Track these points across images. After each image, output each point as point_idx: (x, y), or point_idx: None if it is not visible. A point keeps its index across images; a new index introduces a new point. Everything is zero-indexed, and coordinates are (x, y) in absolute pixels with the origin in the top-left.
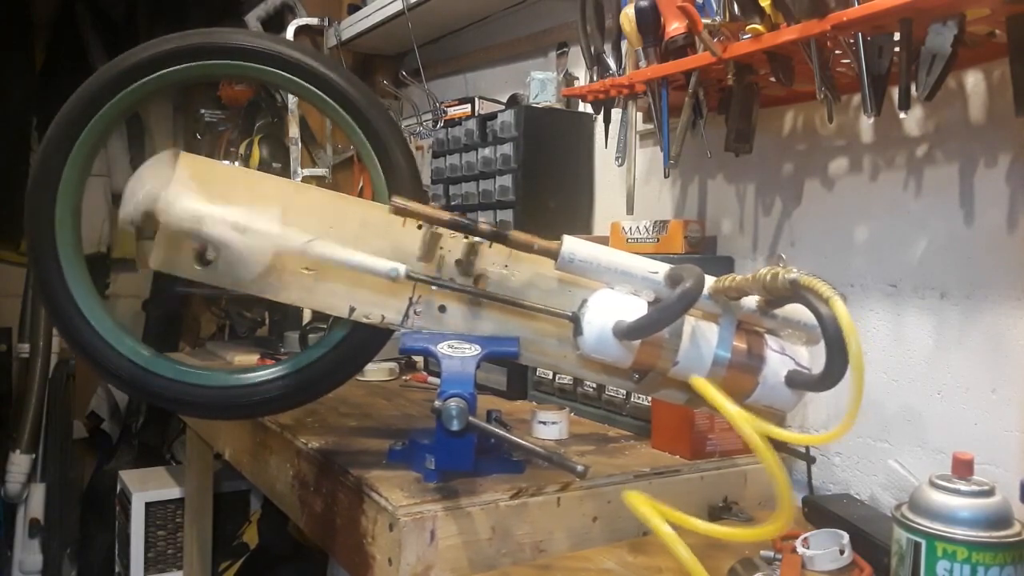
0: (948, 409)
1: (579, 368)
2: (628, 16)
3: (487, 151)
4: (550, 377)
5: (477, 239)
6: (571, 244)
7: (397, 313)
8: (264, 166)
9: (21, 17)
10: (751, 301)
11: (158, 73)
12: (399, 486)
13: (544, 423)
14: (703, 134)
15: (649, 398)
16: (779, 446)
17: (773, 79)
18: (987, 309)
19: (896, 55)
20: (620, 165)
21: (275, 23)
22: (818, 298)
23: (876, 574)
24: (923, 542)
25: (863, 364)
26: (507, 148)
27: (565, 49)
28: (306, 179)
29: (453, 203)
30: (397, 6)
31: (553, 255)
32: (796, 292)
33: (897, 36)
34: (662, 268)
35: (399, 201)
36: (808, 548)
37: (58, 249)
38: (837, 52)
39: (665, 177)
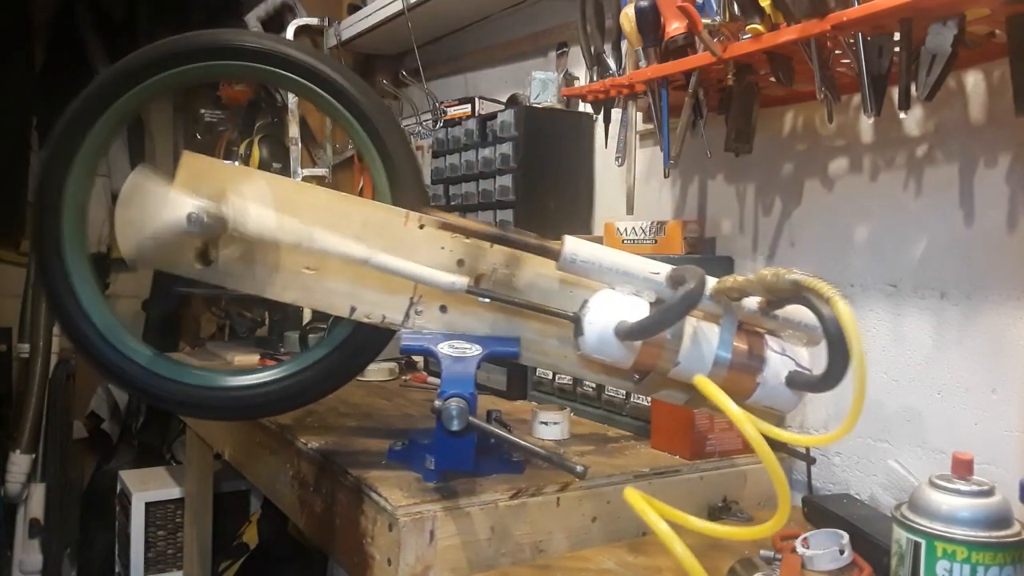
0: (948, 409)
1: (580, 368)
2: (628, 16)
3: (487, 151)
4: (550, 377)
5: (482, 243)
6: (573, 245)
7: (398, 313)
8: (264, 166)
9: (21, 17)
10: (752, 302)
11: (166, 72)
12: (399, 486)
13: (545, 423)
14: (703, 134)
15: (649, 398)
16: (780, 446)
17: (773, 79)
18: (987, 309)
19: (896, 55)
20: (620, 165)
21: (275, 23)
22: (821, 299)
23: (876, 574)
24: (923, 542)
25: (865, 366)
26: (507, 148)
27: (565, 49)
28: (306, 179)
29: (453, 203)
30: (397, 6)
31: (555, 255)
32: (798, 293)
33: (897, 36)
34: (664, 269)
35: (447, 218)
36: (808, 548)
37: (64, 248)
38: (837, 52)
39: (665, 177)
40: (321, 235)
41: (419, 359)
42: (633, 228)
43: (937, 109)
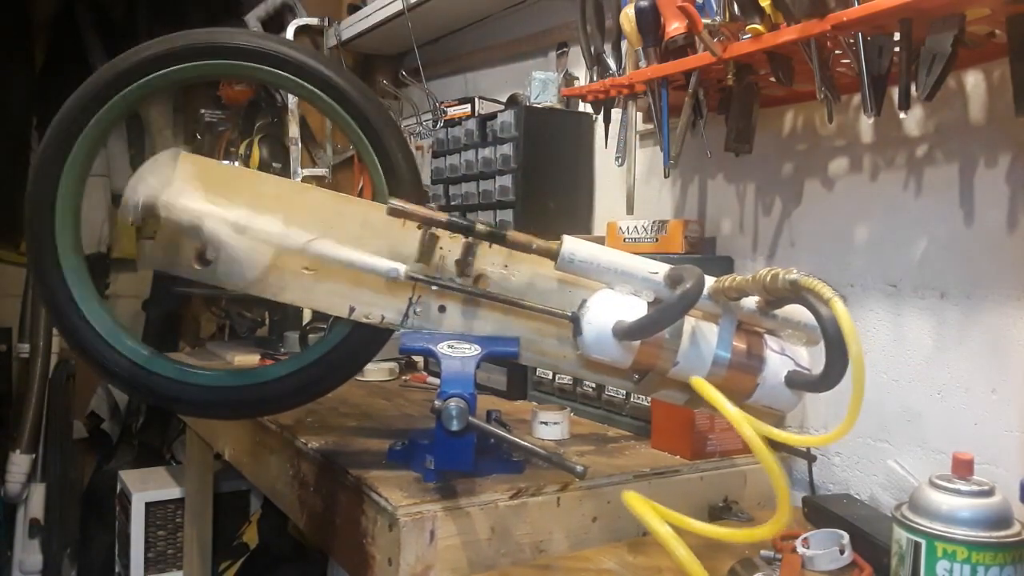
0: (948, 409)
1: (579, 368)
2: (628, 16)
3: (487, 151)
4: (550, 377)
5: (475, 239)
6: (571, 244)
7: (397, 313)
8: (264, 166)
9: (21, 17)
10: (751, 301)
11: (158, 73)
12: (399, 486)
13: (545, 423)
14: (703, 134)
15: (649, 398)
16: (780, 446)
17: (773, 79)
18: (987, 309)
19: (896, 55)
20: (620, 165)
21: (275, 23)
22: (818, 299)
23: (876, 574)
24: (923, 542)
25: (864, 366)
26: (507, 148)
27: (565, 49)
28: (306, 179)
29: (453, 203)
30: (397, 6)
31: (553, 255)
32: (796, 293)
33: (897, 36)
34: (662, 268)
35: (396, 203)
36: (808, 548)
37: (58, 249)
38: (837, 52)
39: (665, 177)
40: (263, 220)
41: (419, 359)
42: (635, 227)
43: (937, 109)
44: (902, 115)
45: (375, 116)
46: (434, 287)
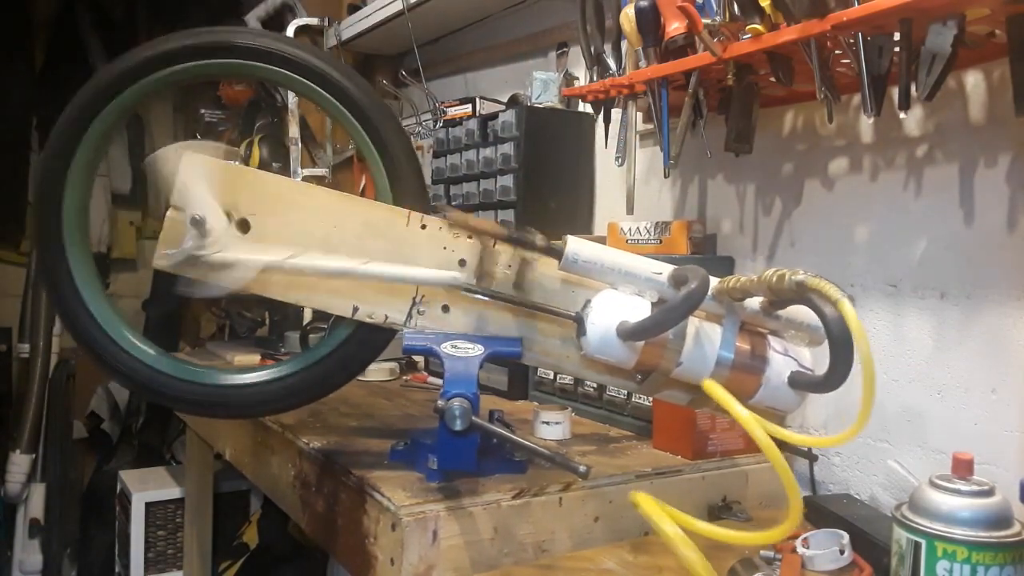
0: (948, 409)
1: (582, 368)
2: (628, 16)
3: (488, 151)
4: (551, 377)
5: (485, 242)
6: (575, 244)
7: (400, 313)
8: (264, 166)
9: (21, 17)
10: (754, 302)
11: (165, 71)
12: (401, 486)
13: (547, 423)
14: (703, 134)
15: (650, 398)
16: (781, 445)
17: (773, 79)
18: (987, 309)
19: (896, 55)
20: (620, 165)
21: (275, 23)
22: (826, 300)
23: (876, 574)
24: (923, 542)
25: (874, 367)
26: (508, 148)
27: (565, 49)
28: (306, 179)
29: (454, 203)
30: (397, 6)
31: (557, 255)
32: (803, 294)
33: (897, 36)
34: (666, 269)
35: (454, 216)
36: (808, 548)
37: (66, 247)
38: (837, 52)
39: (665, 177)
40: (306, 257)
41: (419, 359)
42: (637, 228)
43: (937, 109)
44: (902, 115)
45: (378, 115)
46: (481, 296)
